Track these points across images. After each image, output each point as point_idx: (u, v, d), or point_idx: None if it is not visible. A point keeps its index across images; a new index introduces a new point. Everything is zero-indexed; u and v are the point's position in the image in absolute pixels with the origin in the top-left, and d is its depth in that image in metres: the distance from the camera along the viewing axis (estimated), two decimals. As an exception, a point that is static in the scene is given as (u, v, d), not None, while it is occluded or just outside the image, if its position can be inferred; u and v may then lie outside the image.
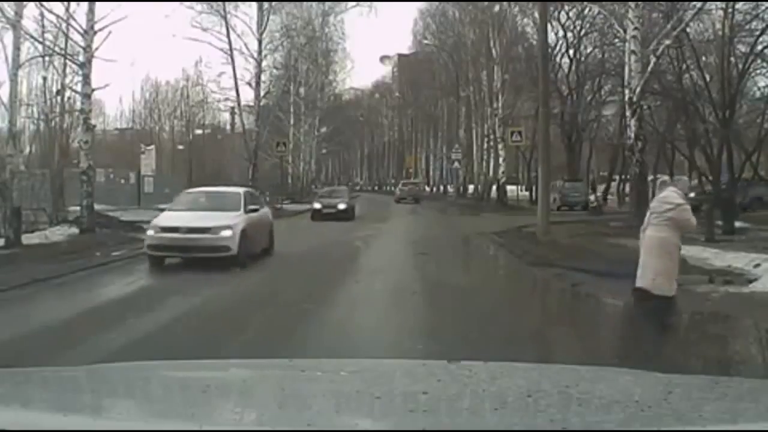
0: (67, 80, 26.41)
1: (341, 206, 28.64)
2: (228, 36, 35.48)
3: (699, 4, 21.20)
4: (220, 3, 34.95)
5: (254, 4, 36.24)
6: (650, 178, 32.32)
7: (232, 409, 2.03)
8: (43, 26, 23.48)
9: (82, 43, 19.51)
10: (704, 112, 28.79)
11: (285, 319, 8.69)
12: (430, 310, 9.60)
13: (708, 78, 28.04)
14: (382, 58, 72.91)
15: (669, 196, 7.91)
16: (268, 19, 36.97)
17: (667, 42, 18.77)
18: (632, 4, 17.90)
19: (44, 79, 31.99)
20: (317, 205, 29.27)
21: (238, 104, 38.39)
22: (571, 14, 35.77)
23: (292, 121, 48.76)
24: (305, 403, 2.02)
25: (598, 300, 10.71)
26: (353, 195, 31.71)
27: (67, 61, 23.22)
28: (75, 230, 18.82)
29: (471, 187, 48.34)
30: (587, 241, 16.82)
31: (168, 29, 55.89)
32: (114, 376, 2.36)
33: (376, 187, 79.27)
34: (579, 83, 37.42)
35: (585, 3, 29.17)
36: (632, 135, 18.18)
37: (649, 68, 18.24)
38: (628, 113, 18.55)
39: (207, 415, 1.90)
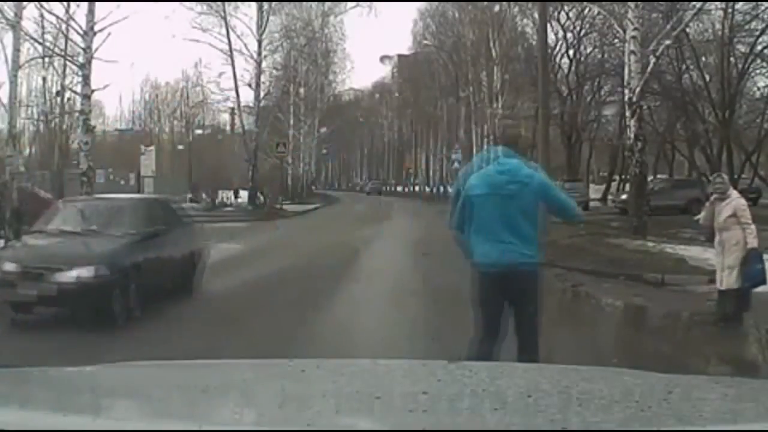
0: (67, 81, 26.51)
1: (73, 273, 8.14)
2: (228, 37, 35.60)
3: (699, 4, 21.24)
4: (220, 4, 35.05)
5: (254, 5, 36.35)
6: (650, 178, 32.45)
7: (232, 409, 2.03)
8: (42, 27, 23.58)
9: (82, 44, 19.50)
10: (704, 112, 28.86)
11: None
12: (430, 311, 9.60)
13: (708, 78, 28.12)
14: (382, 59, 72.85)
15: None
16: (267, 19, 37.06)
17: (667, 42, 18.76)
18: (632, 5, 17.89)
19: (44, 80, 32.13)
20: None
21: (238, 105, 38.50)
22: (570, 14, 35.77)
23: (291, 122, 48.79)
24: (305, 403, 2.02)
25: (599, 301, 10.73)
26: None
27: (67, 62, 23.28)
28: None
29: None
30: (587, 241, 16.80)
31: (168, 30, 56.06)
32: (114, 376, 2.36)
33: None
34: (579, 83, 37.40)
35: (585, 3, 29.15)
36: (632, 135, 18.18)
37: (649, 68, 18.24)
38: (627, 113, 18.54)
39: (207, 415, 1.90)
